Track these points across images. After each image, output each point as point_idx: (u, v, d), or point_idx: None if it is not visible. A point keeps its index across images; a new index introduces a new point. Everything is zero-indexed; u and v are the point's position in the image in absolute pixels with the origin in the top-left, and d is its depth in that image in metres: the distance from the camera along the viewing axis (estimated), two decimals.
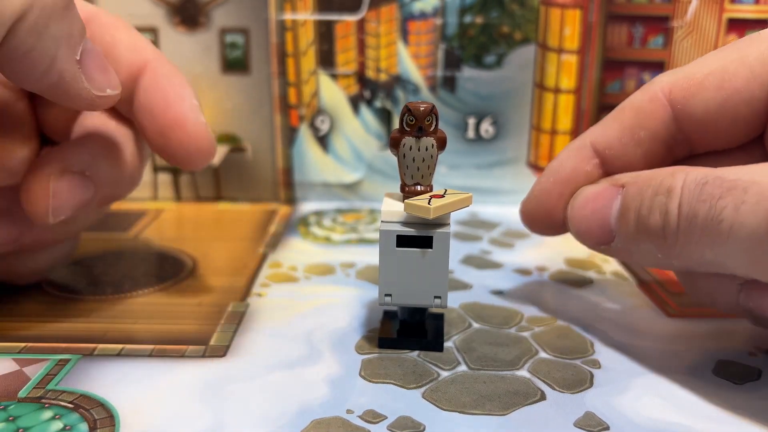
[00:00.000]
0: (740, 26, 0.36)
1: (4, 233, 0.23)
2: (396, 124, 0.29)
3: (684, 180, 0.20)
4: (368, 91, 0.38)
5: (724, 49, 0.22)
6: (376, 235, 0.34)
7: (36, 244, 0.25)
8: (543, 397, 0.20)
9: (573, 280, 0.29)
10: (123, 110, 0.25)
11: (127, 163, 0.25)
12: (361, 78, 0.38)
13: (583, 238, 0.23)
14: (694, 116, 0.22)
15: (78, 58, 0.19)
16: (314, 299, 0.27)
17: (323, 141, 0.39)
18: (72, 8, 0.19)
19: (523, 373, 0.22)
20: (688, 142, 0.22)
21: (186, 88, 0.24)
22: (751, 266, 0.19)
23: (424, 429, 0.19)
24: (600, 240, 0.22)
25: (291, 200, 0.40)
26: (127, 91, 0.23)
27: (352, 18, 0.37)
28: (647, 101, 0.23)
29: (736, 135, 0.22)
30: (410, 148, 0.21)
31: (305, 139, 0.39)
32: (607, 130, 0.23)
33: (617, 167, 0.23)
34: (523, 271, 0.30)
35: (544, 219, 0.24)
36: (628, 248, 0.21)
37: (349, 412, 0.19)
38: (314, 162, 0.39)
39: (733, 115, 0.21)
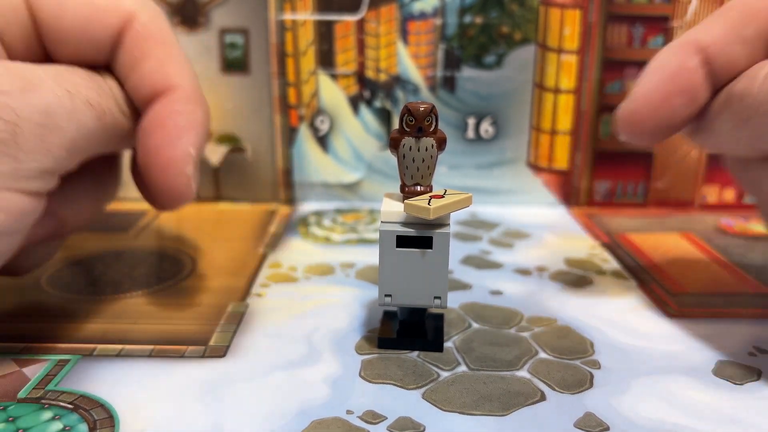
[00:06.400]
0: None
1: (47, 227, 0.23)
2: (396, 124, 0.29)
3: None
4: (368, 91, 0.38)
5: None
6: (375, 236, 0.34)
7: (52, 237, 0.25)
8: (543, 398, 0.20)
9: (573, 280, 0.29)
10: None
11: None
12: (361, 78, 0.38)
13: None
14: None
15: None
16: (314, 299, 0.27)
17: (323, 141, 0.39)
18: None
19: (523, 373, 0.21)
20: None
21: (191, 131, 0.23)
22: None
23: (423, 429, 0.19)
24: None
25: (291, 200, 0.40)
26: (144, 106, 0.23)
27: (351, 18, 0.37)
28: None
29: None
30: (410, 149, 0.21)
31: (305, 139, 0.39)
32: (712, 28, 0.22)
33: (720, 64, 0.22)
34: (523, 271, 0.30)
35: (648, 120, 0.23)
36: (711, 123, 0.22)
37: (348, 412, 0.19)
38: (314, 162, 0.39)
39: None
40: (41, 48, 0.23)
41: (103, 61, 0.23)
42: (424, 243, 0.21)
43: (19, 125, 0.19)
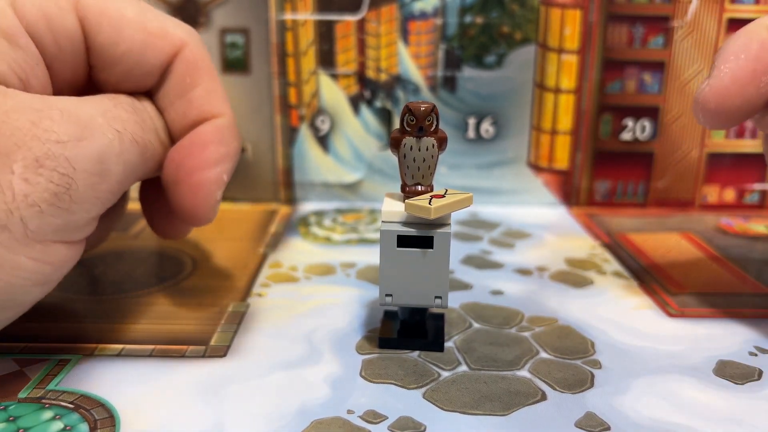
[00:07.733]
0: (741, 26, 0.36)
1: (97, 234, 0.24)
2: (396, 124, 0.29)
3: None
4: (368, 91, 0.38)
5: None
6: (376, 235, 0.34)
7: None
8: (544, 398, 0.20)
9: (573, 280, 0.29)
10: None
11: None
12: (362, 78, 0.38)
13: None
14: None
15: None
16: (314, 299, 0.27)
17: (323, 141, 0.39)
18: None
19: (524, 373, 0.22)
20: None
21: (227, 160, 0.24)
22: None
23: (424, 429, 0.19)
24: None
25: (291, 200, 0.40)
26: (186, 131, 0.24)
27: (352, 18, 0.37)
28: None
29: None
30: (411, 148, 0.21)
31: (305, 139, 0.39)
32: None
33: None
34: (523, 271, 0.30)
35: (737, 97, 0.23)
36: None
37: (349, 412, 0.19)
38: (314, 162, 0.39)
39: None
40: (87, 73, 0.22)
41: (147, 87, 0.23)
42: (425, 243, 0.21)
43: (74, 177, 0.18)
